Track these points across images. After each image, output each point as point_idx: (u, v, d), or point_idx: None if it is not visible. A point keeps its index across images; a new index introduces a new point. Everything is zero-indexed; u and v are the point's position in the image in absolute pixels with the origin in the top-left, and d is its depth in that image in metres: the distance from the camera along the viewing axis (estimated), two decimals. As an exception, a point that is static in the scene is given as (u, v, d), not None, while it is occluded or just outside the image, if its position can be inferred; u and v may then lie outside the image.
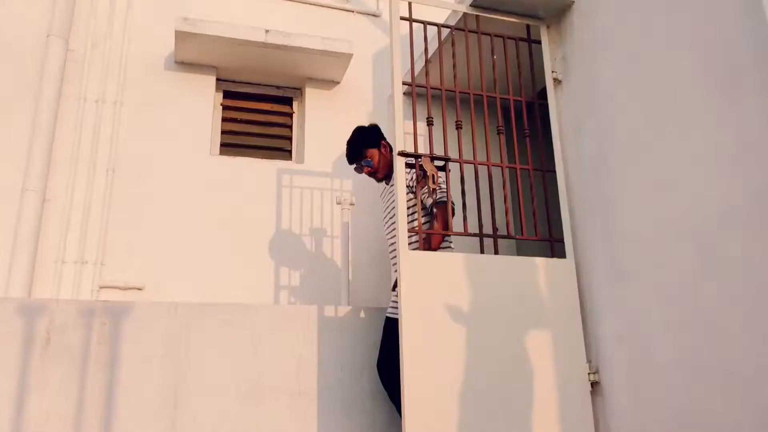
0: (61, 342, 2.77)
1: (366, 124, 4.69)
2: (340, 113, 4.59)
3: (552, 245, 2.94)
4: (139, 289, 3.73)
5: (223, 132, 4.44)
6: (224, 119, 4.49)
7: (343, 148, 4.49)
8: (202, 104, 4.31)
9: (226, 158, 4.27)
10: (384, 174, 3.19)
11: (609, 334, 2.61)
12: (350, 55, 4.34)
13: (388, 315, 3.00)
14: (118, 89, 4.15)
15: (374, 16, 5.07)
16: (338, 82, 4.68)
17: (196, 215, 4.02)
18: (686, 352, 2.21)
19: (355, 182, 4.42)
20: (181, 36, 4.04)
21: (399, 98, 2.74)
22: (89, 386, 2.74)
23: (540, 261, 2.78)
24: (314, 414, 3.04)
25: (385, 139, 3.25)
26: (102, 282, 3.65)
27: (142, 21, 4.37)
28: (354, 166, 3.27)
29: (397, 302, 2.81)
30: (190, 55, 4.25)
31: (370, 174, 3.20)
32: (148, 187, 3.98)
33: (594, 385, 2.66)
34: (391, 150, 3.12)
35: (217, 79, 4.49)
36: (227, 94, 4.56)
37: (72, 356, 2.76)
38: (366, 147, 3.19)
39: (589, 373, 2.66)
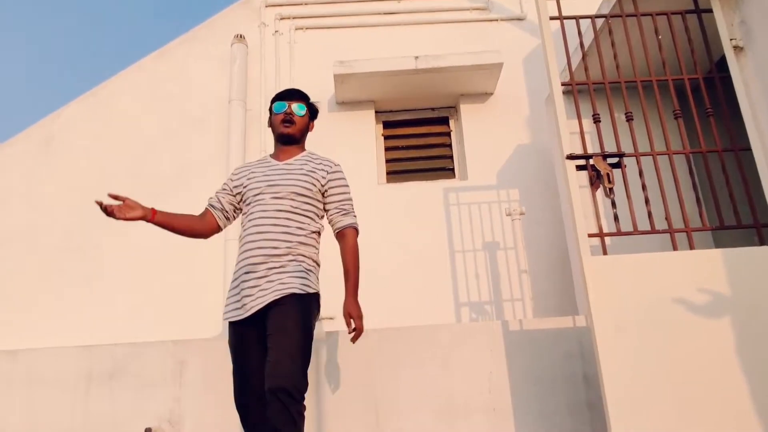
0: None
1: (522, 130, 4.64)
2: (496, 124, 4.56)
3: (759, 232, 2.60)
4: (331, 318, 3.99)
5: (387, 161, 4.63)
6: (387, 148, 4.69)
7: (504, 158, 4.46)
8: (365, 138, 4.56)
9: (393, 185, 4.45)
10: (297, 138, 2.50)
11: None
12: (500, 65, 4.30)
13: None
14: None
15: (519, 20, 4.98)
16: (491, 93, 4.65)
17: (373, 243, 4.21)
18: None
19: (522, 191, 4.33)
20: (339, 78, 4.32)
21: (559, 99, 2.65)
22: (301, 411, 2.98)
23: (745, 251, 2.47)
24: (511, 430, 2.99)
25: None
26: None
27: (303, 73, 4.75)
28: (290, 102, 2.46)
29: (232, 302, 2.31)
30: (349, 94, 4.52)
31: (286, 121, 2.44)
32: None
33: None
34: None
35: (376, 112, 4.71)
36: (387, 125, 4.76)
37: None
38: (308, 102, 2.56)
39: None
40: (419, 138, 4.73)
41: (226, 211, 2.48)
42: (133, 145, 4.52)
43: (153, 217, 2.27)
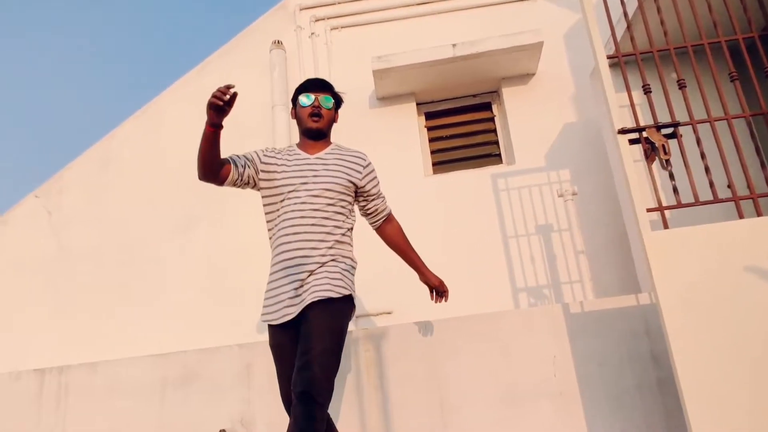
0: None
1: (568, 108, 4.52)
2: (541, 104, 4.47)
3: (833, 193, 2.47)
4: (389, 313, 4.02)
5: (432, 152, 4.61)
6: (431, 140, 4.66)
7: (551, 139, 4.36)
8: (408, 132, 4.55)
9: (440, 176, 4.43)
10: (325, 132, 2.44)
11: None
12: (541, 44, 4.21)
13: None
14: (335, 138, 4.57)
15: (556, -5, 4.86)
16: (533, 74, 4.56)
17: (424, 236, 4.20)
18: None
19: (572, 170, 4.24)
20: (378, 74, 4.33)
21: (606, 73, 2.58)
22: (366, 409, 3.02)
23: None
24: (580, 413, 2.94)
25: None
26: (357, 313, 4.02)
27: (342, 72, 4.77)
28: (317, 94, 2.39)
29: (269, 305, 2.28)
30: (389, 88, 4.53)
31: (314, 115, 2.36)
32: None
33: None
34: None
35: (417, 104, 4.69)
36: (429, 116, 4.74)
37: (351, 382, 3.08)
38: (334, 93, 2.50)
39: None
40: (462, 126, 4.69)
41: (241, 177, 2.33)
42: (185, 158, 4.65)
43: (220, 130, 2.19)
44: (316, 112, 2.35)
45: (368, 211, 2.50)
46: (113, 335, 4.13)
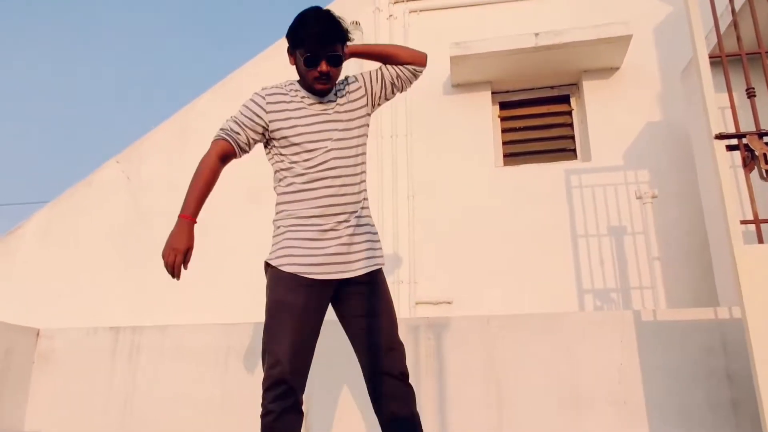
0: (395, 355, 3.12)
1: (652, 106, 4.30)
2: (623, 100, 4.29)
3: None
4: (449, 302, 4.00)
5: (504, 143, 4.52)
6: (504, 130, 4.57)
7: (632, 137, 4.18)
8: (481, 120, 4.47)
9: (511, 168, 4.34)
10: (332, 87, 2.08)
11: None
12: (629, 37, 4.03)
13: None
14: (407, 122, 4.56)
15: (648, -14, 4.63)
16: (617, 68, 4.38)
17: (490, 228, 4.15)
18: None
19: (652, 172, 4.06)
20: (455, 60, 4.26)
21: (707, 73, 2.43)
22: (423, 396, 3.02)
23: None
24: (644, 426, 2.84)
25: None
26: (417, 299, 4.02)
27: (419, 54, 4.72)
28: (324, 55, 1.99)
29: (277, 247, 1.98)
30: (465, 75, 4.45)
31: (322, 77, 1.99)
32: (443, 207, 4.27)
33: None
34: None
35: (492, 93, 4.60)
36: (503, 105, 4.64)
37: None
38: (344, 42, 2.07)
39: None
40: (538, 118, 4.56)
41: (248, 147, 2.08)
42: (258, 133, 4.74)
43: (194, 221, 2.07)
44: (323, 77, 1.98)
45: (393, 81, 2.14)
46: (183, 300, 4.28)
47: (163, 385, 3.19)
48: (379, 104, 2.18)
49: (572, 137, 4.45)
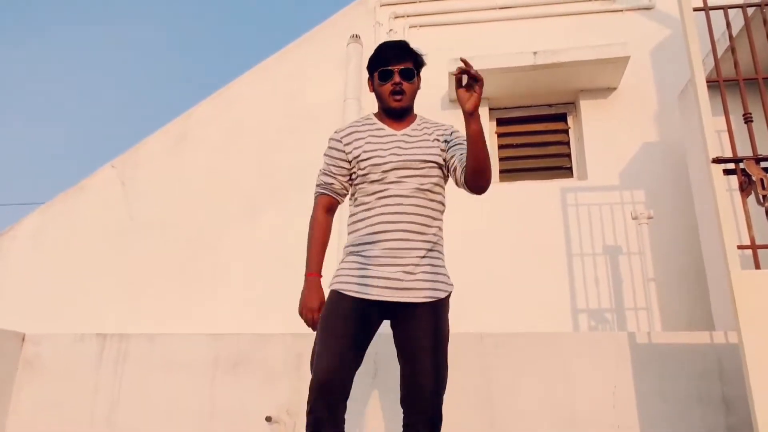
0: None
1: (649, 127, 4.33)
2: (619, 120, 4.31)
3: None
4: (442, 318, 3.96)
5: (500, 159, 4.52)
6: (500, 146, 4.57)
7: (628, 157, 4.19)
8: (479, 136, 4.46)
9: (506, 185, 4.33)
10: (408, 108, 2.16)
11: None
12: (627, 58, 4.05)
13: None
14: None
15: (646, 9, 4.67)
16: (614, 88, 4.40)
17: (484, 244, 4.13)
18: None
19: (648, 193, 4.06)
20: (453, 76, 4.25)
21: (704, 97, 2.43)
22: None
23: None
24: (637, 450, 2.81)
25: None
26: (410, 313, 3.98)
27: (418, 69, 4.73)
28: (397, 66, 2.08)
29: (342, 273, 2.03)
30: (464, 91, 4.44)
31: (396, 93, 2.08)
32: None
33: None
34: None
35: (489, 109, 4.61)
36: (500, 122, 4.65)
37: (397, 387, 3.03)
38: (415, 59, 2.15)
39: None
40: (534, 136, 4.57)
41: (345, 190, 2.16)
42: (256, 143, 4.72)
43: (319, 276, 2.12)
44: (397, 90, 2.06)
45: (449, 170, 2.15)
46: (172, 309, 4.23)
47: (150, 393, 3.14)
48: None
49: (569, 155, 4.45)
